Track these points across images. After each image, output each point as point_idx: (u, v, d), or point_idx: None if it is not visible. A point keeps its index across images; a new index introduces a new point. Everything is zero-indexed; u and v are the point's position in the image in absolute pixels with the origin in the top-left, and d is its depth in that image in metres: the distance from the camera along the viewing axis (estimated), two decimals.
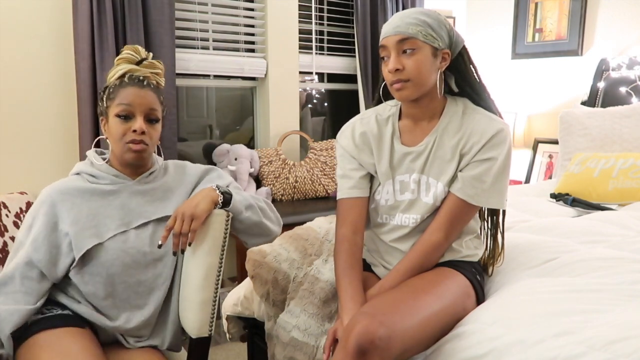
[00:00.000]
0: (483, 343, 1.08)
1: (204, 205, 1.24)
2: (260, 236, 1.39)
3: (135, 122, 1.26)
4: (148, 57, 1.36)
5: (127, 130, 1.25)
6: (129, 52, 1.33)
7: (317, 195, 2.99)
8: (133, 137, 1.25)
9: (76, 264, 1.23)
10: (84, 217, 1.24)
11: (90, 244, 1.23)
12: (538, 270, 1.37)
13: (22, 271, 1.21)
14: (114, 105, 1.26)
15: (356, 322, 1.04)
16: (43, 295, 1.23)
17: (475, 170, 1.28)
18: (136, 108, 1.26)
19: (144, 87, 1.29)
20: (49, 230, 1.22)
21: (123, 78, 1.30)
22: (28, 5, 2.24)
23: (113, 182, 1.30)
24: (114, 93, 1.27)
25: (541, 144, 3.35)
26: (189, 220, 1.22)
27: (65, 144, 2.37)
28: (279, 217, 1.45)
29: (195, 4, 2.71)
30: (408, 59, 1.24)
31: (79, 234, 1.23)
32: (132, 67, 1.32)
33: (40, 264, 1.21)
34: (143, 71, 1.33)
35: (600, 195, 2.21)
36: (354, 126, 1.41)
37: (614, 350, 0.94)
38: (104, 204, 1.27)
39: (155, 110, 1.29)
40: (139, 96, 1.26)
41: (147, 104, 1.27)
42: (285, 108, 3.03)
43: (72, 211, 1.24)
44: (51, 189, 1.26)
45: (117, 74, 1.31)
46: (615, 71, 2.94)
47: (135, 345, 1.31)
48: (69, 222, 1.23)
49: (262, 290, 1.55)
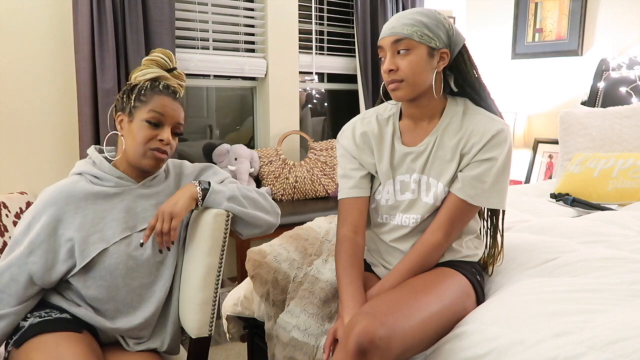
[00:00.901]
0: (483, 343, 1.08)
1: (182, 202, 1.24)
2: (252, 227, 1.36)
3: (163, 131, 1.26)
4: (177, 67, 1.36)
5: (153, 137, 1.25)
6: (161, 56, 1.32)
7: (317, 195, 2.99)
8: (158, 146, 1.25)
9: (80, 271, 1.22)
10: (89, 222, 1.23)
11: (96, 250, 1.22)
12: (538, 270, 1.37)
13: (12, 272, 1.19)
14: (146, 110, 1.25)
15: (356, 322, 1.04)
16: (25, 300, 1.21)
17: (475, 170, 1.28)
18: (167, 119, 1.26)
19: (175, 100, 1.29)
20: (48, 234, 1.20)
21: (155, 83, 1.29)
22: (28, 5, 2.24)
23: (117, 184, 1.28)
24: (147, 97, 1.26)
25: (541, 144, 3.35)
26: (168, 218, 1.22)
27: (65, 144, 2.37)
28: (274, 207, 1.42)
29: (195, 4, 2.71)
30: (402, 59, 1.25)
31: (85, 241, 1.21)
32: (164, 74, 1.31)
33: (34, 266, 1.19)
34: (173, 81, 1.32)
35: (600, 195, 2.21)
36: (354, 126, 1.41)
37: (614, 350, 0.94)
38: (108, 208, 1.26)
39: (181, 125, 1.31)
40: (171, 108, 1.27)
41: (176, 118, 1.29)
42: (285, 108, 3.03)
43: (77, 216, 1.22)
44: (55, 191, 1.23)
45: (148, 75, 1.29)
46: (615, 71, 2.94)
47: (135, 348, 1.31)
48: (74, 228, 1.21)
49: (262, 290, 1.55)
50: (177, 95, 1.31)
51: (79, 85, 2.28)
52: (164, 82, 1.30)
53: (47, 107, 2.33)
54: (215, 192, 1.29)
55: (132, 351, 1.31)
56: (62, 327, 1.20)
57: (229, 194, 1.31)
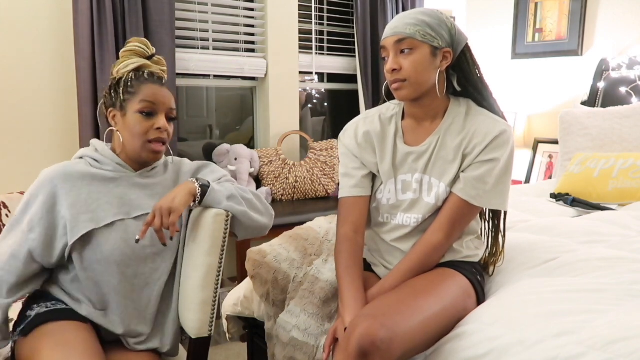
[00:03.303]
0: (483, 343, 1.08)
1: (180, 198, 1.24)
2: (247, 227, 1.36)
3: (158, 120, 1.26)
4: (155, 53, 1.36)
5: (149, 127, 1.25)
6: (139, 45, 1.32)
7: (317, 195, 2.99)
8: (157, 135, 1.26)
9: (77, 250, 1.23)
10: (82, 201, 1.23)
11: (85, 228, 1.22)
12: (538, 271, 1.37)
13: (13, 250, 1.21)
14: (137, 101, 1.25)
15: (357, 324, 1.04)
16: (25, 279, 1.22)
17: (477, 171, 1.28)
18: (159, 106, 1.27)
19: (163, 86, 1.30)
20: (46, 211, 1.22)
21: (139, 72, 1.29)
22: (28, 5, 2.24)
23: (115, 169, 1.29)
24: (134, 88, 1.26)
25: (541, 144, 3.35)
26: (167, 214, 1.21)
27: (65, 144, 2.37)
28: (268, 208, 1.42)
29: (195, 4, 2.71)
30: (405, 59, 1.25)
31: (76, 218, 1.22)
32: (145, 62, 1.31)
33: (34, 243, 1.20)
34: (155, 67, 1.33)
35: (600, 195, 2.21)
36: (357, 125, 1.41)
37: (614, 350, 0.94)
38: (104, 191, 1.27)
39: (174, 109, 1.31)
40: (161, 95, 1.28)
41: (168, 103, 1.29)
42: (285, 108, 3.03)
43: (71, 194, 1.23)
44: (52, 170, 1.26)
45: (130, 66, 1.29)
46: (615, 71, 2.94)
47: (135, 347, 1.31)
48: (66, 205, 1.22)
49: (262, 290, 1.55)
50: (163, 81, 1.32)
51: (79, 85, 2.28)
52: (147, 71, 1.30)
53: (47, 107, 2.33)
54: (215, 191, 1.29)
55: (133, 351, 1.31)
56: (69, 317, 1.23)
57: (227, 193, 1.31)
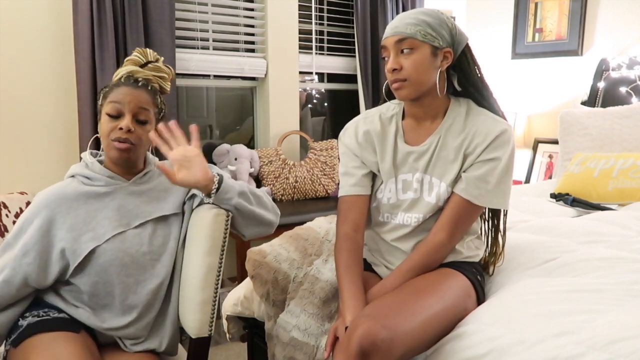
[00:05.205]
0: (483, 343, 1.08)
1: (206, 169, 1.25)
2: (256, 225, 1.36)
3: (123, 120, 1.25)
4: (158, 61, 1.36)
5: (114, 128, 1.25)
6: (137, 55, 1.34)
7: (317, 195, 2.99)
8: (118, 135, 1.24)
9: (74, 268, 1.23)
10: (81, 222, 1.24)
11: (88, 248, 1.22)
12: (538, 271, 1.37)
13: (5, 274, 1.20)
14: (106, 104, 1.27)
15: (358, 324, 1.04)
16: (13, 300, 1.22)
17: (479, 170, 1.28)
18: (125, 106, 1.25)
19: (138, 88, 1.28)
20: (41, 235, 1.21)
21: (122, 79, 1.31)
22: (28, 5, 2.23)
23: (108, 183, 1.29)
24: (109, 92, 1.28)
25: (541, 144, 3.35)
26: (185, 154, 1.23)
27: (65, 144, 2.37)
28: (274, 206, 1.42)
29: (195, 4, 2.71)
30: (406, 58, 1.25)
31: (77, 240, 1.22)
32: (134, 69, 1.32)
33: (29, 267, 1.20)
34: (146, 73, 1.33)
35: (600, 195, 2.21)
36: (357, 124, 1.41)
37: (614, 350, 0.94)
38: (100, 207, 1.27)
39: (145, 110, 1.27)
40: (129, 95, 1.26)
41: (136, 103, 1.26)
42: (285, 108, 3.03)
43: (68, 216, 1.23)
44: (46, 193, 1.25)
45: (119, 74, 1.32)
46: (615, 71, 2.94)
47: (133, 348, 1.30)
48: (66, 228, 1.22)
49: (262, 290, 1.55)
50: (142, 83, 1.30)
51: (79, 85, 2.28)
52: (133, 77, 1.31)
53: (47, 107, 2.33)
54: (229, 186, 1.28)
55: (129, 352, 1.30)
56: (60, 327, 1.21)
57: (239, 189, 1.31)
